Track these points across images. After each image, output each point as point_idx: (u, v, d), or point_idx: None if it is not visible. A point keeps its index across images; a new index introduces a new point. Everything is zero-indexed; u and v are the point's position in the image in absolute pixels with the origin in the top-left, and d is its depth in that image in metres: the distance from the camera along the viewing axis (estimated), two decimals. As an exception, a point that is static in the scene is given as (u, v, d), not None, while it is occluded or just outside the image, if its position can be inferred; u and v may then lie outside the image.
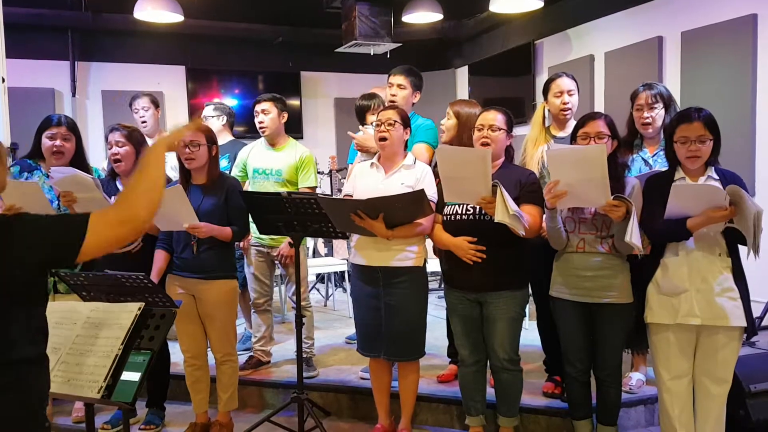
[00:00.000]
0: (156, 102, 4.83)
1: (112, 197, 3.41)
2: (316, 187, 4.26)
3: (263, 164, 4.12)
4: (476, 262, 2.99)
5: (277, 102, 4.15)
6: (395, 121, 3.20)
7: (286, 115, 4.20)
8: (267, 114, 4.11)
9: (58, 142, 3.49)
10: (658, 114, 3.37)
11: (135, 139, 3.51)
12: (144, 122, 4.74)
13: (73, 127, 3.57)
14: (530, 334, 3.89)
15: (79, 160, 3.58)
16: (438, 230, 3.14)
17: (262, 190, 3.96)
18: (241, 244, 4.12)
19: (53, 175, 3.27)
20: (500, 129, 3.07)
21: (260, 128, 4.13)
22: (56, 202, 3.42)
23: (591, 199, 2.79)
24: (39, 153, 3.56)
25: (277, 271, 4.45)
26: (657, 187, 2.79)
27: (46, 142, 3.50)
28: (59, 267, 1.73)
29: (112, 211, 1.75)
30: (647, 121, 3.37)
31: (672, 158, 2.82)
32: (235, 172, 4.22)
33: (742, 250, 2.73)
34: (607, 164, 2.67)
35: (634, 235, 2.68)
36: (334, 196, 3.90)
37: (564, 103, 3.58)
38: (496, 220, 2.78)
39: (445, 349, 4.04)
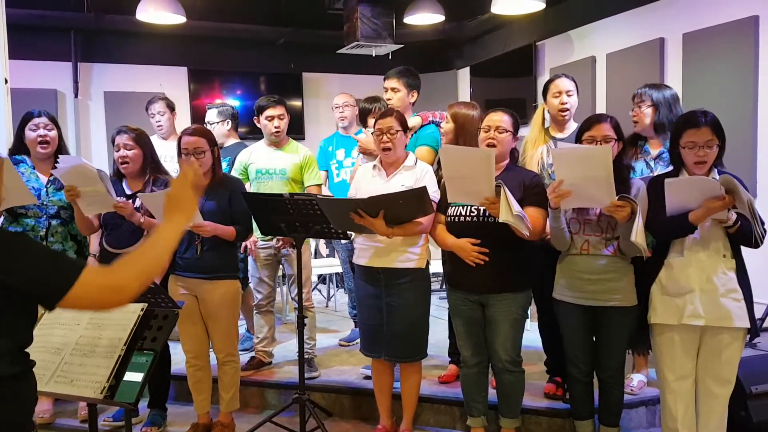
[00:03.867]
0: (171, 105, 4.87)
1: (119, 197, 3.42)
2: (322, 184, 4.27)
3: (267, 164, 4.13)
4: (479, 264, 2.99)
5: (286, 105, 4.18)
6: (397, 131, 3.21)
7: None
8: (282, 119, 4.12)
9: (42, 132, 3.60)
10: (645, 112, 3.44)
11: (143, 141, 3.53)
12: (160, 126, 4.79)
13: (53, 119, 3.69)
14: (531, 335, 3.89)
15: (61, 151, 3.70)
16: (441, 231, 3.15)
17: (268, 191, 3.97)
18: (248, 245, 4.11)
19: (59, 166, 3.29)
20: (507, 131, 3.07)
21: (276, 133, 4.12)
22: (43, 189, 3.56)
23: (595, 198, 2.78)
24: (22, 148, 3.66)
25: (280, 272, 4.45)
26: (659, 187, 2.79)
27: (29, 134, 3.61)
28: (38, 304, 1.66)
29: (108, 275, 1.65)
30: (634, 119, 3.49)
31: (676, 162, 2.82)
32: (235, 175, 4.21)
33: (746, 251, 2.74)
34: (612, 165, 2.67)
35: (639, 235, 2.68)
36: (334, 197, 3.89)
37: (562, 104, 3.59)
38: (500, 220, 2.78)
39: (446, 349, 4.04)
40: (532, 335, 3.89)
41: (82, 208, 3.32)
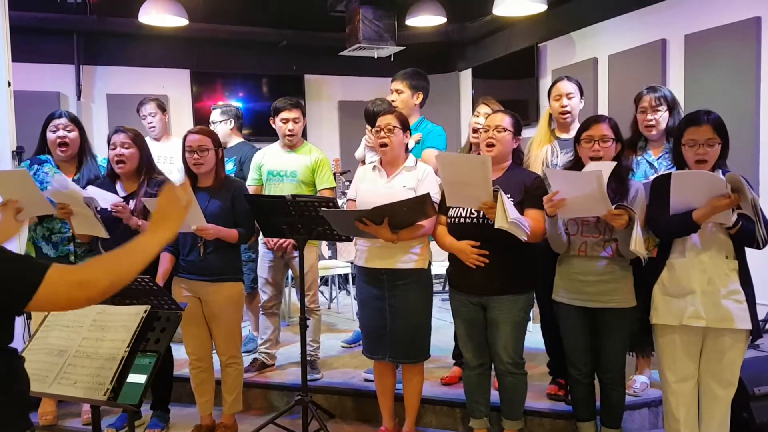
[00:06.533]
0: (163, 106, 4.88)
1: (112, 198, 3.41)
2: (335, 187, 4.27)
3: (278, 166, 4.12)
4: (480, 266, 2.99)
5: (302, 108, 4.18)
6: (394, 127, 3.22)
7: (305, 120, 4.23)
8: (297, 123, 4.11)
9: (61, 133, 3.59)
10: (662, 117, 3.37)
11: (139, 141, 3.54)
12: (152, 127, 4.80)
13: (74, 119, 3.68)
14: (534, 337, 3.89)
15: (84, 150, 3.70)
16: (442, 233, 3.15)
17: (279, 193, 3.95)
18: (270, 242, 4.04)
19: (50, 187, 3.32)
20: (506, 130, 3.07)
21: (290, 136, 4.10)
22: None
23: (592, 210, 2.79)
24: (45, 149, 3.66)
25: (289, 274, 4.44)
26: (664, 185, 2.78)
27: (50, 135, 3.61)
28: (4, 311, 1.60)
29: (77, 270, 1.62)
30: (651, 123, 3.38)
31: (679, 161, 2.81)
32: (253, 176, 4.20)
33: (749, 252, 2.73)
34: (605, 184, 2.66)
35: (638, 244, 2.68)
36: (338, 201, 3.88)
37: (563, 107, 3.60)
38: (496, 226, 2.78)
39: (450, 351, 4.04)
40: (535, 337, 3.89)
41: (74, 225, 3.34)
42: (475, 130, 3.79)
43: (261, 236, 4.06)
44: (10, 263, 1.56)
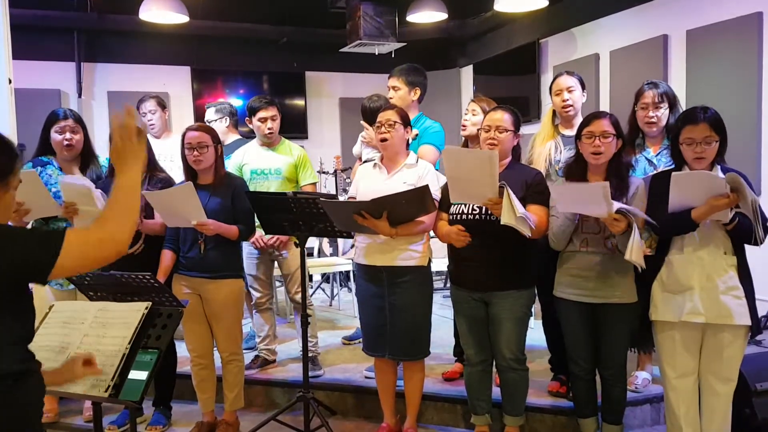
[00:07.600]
0: (163, 104, 4.87)
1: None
2: (317, 183, 4.27)
3: (262, 165, 4.12)
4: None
5: (278, 106, 4.18)
6: (395, 122, 3.21)
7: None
8: (275, 120, 4.12)
9: (68, 135, 3.55)
10: (663, 113, 3.36)
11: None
12: (152, 124, 4.79)
13: (79, 120, 3.64)
14: (536, 333, 3.89)
15: (88, 151, 3.67)
16: (443, 227, 3.14)
17: (263, 190, 3.96)
18: (259, 242, 4.04)
19: (64, 180, 3.31)
20: (507, 130, 3.06)
21: (269, 134, 4.10)
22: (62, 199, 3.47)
23: (594, 211, 2.79)
24: (47, 149, 3.62)
25: (277, 272, 4.44)
26: (663, 183, 2.78)
27: (55, 136, 3.56)
28: (31, 282, 1.69)
29: (92, 230, 1.69)
30: (652, 120, 3.35)
31: (677, 158, 2.81)
32: None
33: (749, 248, 2.73)
34: (610, 194, 2.66)
35: (635, 252, 2.66)
36: (339, 198, 3.87)
37: (564, 101, 3.61)
38: (502, 222, 2.77)
39: (451, 348, 4.04)
40: (536, 333, 3.89)
41: (77, 226, 3.31)
42: (463, 126, 3.78)
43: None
44: (28, 234, 1.64)
